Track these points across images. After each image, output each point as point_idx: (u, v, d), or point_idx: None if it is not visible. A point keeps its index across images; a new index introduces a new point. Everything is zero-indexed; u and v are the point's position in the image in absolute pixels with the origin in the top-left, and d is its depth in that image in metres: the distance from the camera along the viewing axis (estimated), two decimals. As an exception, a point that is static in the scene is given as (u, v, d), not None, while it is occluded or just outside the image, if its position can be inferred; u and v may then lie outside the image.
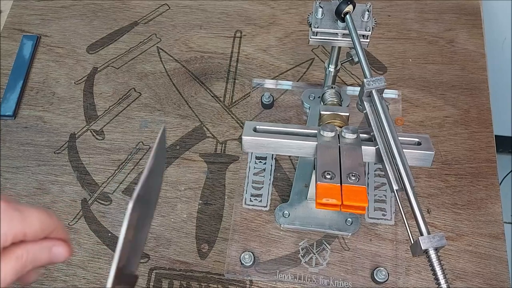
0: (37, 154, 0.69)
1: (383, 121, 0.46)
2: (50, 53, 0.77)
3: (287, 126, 0.50)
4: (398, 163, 0.44)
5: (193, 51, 0.76)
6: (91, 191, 0.66)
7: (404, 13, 0.79)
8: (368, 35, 0.52)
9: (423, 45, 0.76)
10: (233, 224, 0.62)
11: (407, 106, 0.70)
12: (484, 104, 0.70)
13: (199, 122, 0.70)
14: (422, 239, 0.39)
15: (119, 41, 0.78)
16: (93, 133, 0.70)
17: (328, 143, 0.48)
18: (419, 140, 0.48)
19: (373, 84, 0.47)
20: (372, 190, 0.64)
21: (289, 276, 0.59)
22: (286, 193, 0.64)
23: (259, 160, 0.66)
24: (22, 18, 0.80)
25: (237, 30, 0.78)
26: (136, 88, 0.73)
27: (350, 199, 0.43)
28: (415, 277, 0.59)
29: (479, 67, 0.73)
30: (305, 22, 0.78)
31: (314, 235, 0.61)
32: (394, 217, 0.62)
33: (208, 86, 0.73)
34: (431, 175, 0.65)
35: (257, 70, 0.74)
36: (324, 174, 0.45)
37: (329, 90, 0.58)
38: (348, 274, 0.59)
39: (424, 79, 0.73)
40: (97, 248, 0.62)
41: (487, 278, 0.59)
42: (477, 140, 0.67)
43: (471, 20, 0.77)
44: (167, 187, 0.65)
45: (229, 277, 0.60)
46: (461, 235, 0.61)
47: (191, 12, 0.80)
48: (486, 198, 0.63)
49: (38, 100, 0.73)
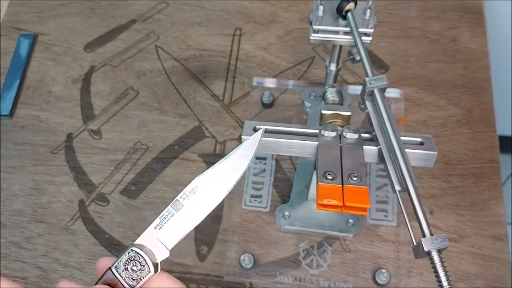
0: (33, 154, 0.68)
1: (385, 121, 0.45)
2: (47, 51, 0.76)
3: (288, 126, 0.49)
4: (400, 164, 0.43)
5: (192, 49, 0.76)
6: (88, 192, 0.65)
7: (406, 11, 0.78)
8: (370, 33, 0.51)
9: (425, 44, 0.75)
10: (233, 225, 0.61)
11: (409, 106, 0.69)
12: (487, 103, 0.69)
13: (198, 122, 0.69)
14: (424, 241, 0.39)
15: (117, 39, 0.77)
16: (90, 132, 0.69)
17: (329, 143, 0.47)
18: (421, 140, 0.48)
19: (375, 83, 0.47)
20: (374, 191, 0.63)
21: (289, 278, 0.58)
22: (286, 194, 0.63)
23: (259, 160, 0.66)
24: (19, 16, 0.80)
25: (236, 27, 0.77)
26: (134, 87, 0.73)
27: (352, 200, 0.42)
28: (417, 279, 0.58)
29: (482, 66, 0.72)
30: (305, 19, 0.77)
31: (315, 236, 0.61)
32: (396, 218, 0.61)
33: (207, 85, 0.72)
34: (434, 175, 0.64)
35: (257, 69, 0.73)
36: (325, 174, 0.44)
37: (330, 89, 0.57)
38: (349, 276, 0.58)
39: (426, 78, 0.72)
40: (94, 250, 0.61)
41: (490, 280, 0.58)
42: (480, 140, 0.67)
43: (474, 19, 0.77)
44: (166, 188, 0.64)
45: (228, 279, 0.59)
46: (463, 236, 0.61)
47: (190, 10, 0.79)
48: (489, 199, 0.63)
49: (35, 99, 0.72)
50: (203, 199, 0.33)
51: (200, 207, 0.33)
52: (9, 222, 0.63)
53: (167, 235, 0.33)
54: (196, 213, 0.33)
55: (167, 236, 0.33)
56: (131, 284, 0.31)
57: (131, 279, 0.31)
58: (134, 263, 0.31)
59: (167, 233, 0.33)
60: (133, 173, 0.66)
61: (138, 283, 0.31)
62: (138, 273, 0.31)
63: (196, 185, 0.33)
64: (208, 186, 0.33)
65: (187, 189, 0.33)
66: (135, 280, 0.31)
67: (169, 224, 0.33)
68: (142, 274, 0.31)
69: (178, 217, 0.33)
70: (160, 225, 0.33)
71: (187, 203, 0.33)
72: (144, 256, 0.32)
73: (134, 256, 0.32)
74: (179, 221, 0.33)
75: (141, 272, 0.31)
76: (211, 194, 0.33)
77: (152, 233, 0.33)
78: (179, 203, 0.33)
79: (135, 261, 0.31)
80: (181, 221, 0.33)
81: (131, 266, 0.31)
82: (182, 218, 0.33)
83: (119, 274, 0.31)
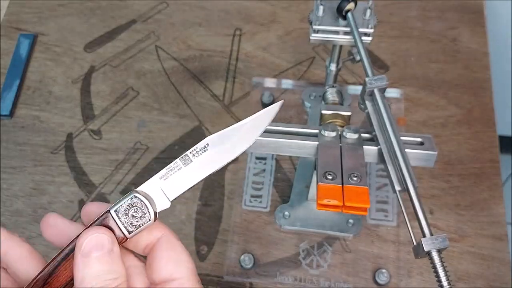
0: (33, 154, 0.68)
1: (385, 121, 0.45)
2: (47, 51, 0.76)
3: (288, 126, 0.49)
4: (400, 164, 0.43)
5: (192, 49, 0.76)
6: (89, 192, 0.65)
7: (406, 11, 0.78)
8: (370, 33, 0.51)
9: (425, 44, 0.75)
10: (233, 225, 0.61)
11: (409, 106, 0.69)
12: (488, 103, 0.69)
13: (198, 122, 0.69)
14: (424, 241, 0.39)
15: (117, 39, 0.77)
16: (90, 132, 0.69)
17: (329, 143, 0.47)
18: (421, 140, 0.48)
19: (375, 83, 0.47)
20: (374, 191, 0.63)
21: (289, 278, 0.58)
22: (286, 194, 0.63)
23: (259, 160, 0.66)
24: (19, 16, 0.80)
25: (236, 28, 0.77)
26: (134, 87, 0.73)
27: (352, 200, 0.42)
28: (417, 279, 0.58)
29: (483, 66, 0.72)
30: (306, 19, 0.77)
31: (315, 236, 0.61)
32: (396, 218, 0.61)
33: (207, 85, 0.72)
34: (434, 175, 0.64)
35: (257, 69, 0.73)
36: (325, 174, 0.44)
37: (330, 89, 0.57)
38: (349, 276, 0.58)
39: (426, 78, 0.72)
40: (94, 250, 0.61)
41: (490, 280, 0.58)
42: (480, 140, 0.66)
43: (474, 19, 0.76)
44: (166, 188, 0.64)
45: (228, 279, 0.59)
46: (464, 236, 0.60)
47: (190, 10, 0.79)
48: (489, 199, 0.63)
49: (35, 99, 0.72)
50: (212, 158, 0.32)
51: (207, 165, 0.32)
52: (10, 223, 0.63)
53: (171, 187, 0.32)
54: (202, 170, 0.32)
55: (170, 188, 0.32)
56: (129, 229, 0.31)
57: (130, 225, 0.31)
58: (136, 210, 0.31)
59: (171, 185, 0.32)
60: (133, 173, 0.66)
61: (136, 229, 0.31)
62: (138, 220, 0.31)
63: (207, 143, 0.32)
64: (218, 147, 0.33)
65: (198, 146, 0.32)
66: (134, 226, 0.31)
67: (174, 176, 0.32)
68: (142, 222, 0.31)
69: (185, 172, 0.32)
70: (165, 177, 0.32)
71: (196, 160, 0.32)
72: (147, 204, 0.31)
73: (136, 202, 0.31)
74: (185, 176, 0.32)
75: (141, 219, 0.31)
76: (220, 155, 0.33)
77: (156, 183, 0.32)
78: (188, 158, 0.32)
79: (137, 208, 0.31)
80: (187, 176, 0.32)
81: (132, 212, 0.31)
82: (188, 173, 0.32)
83: (118, 219, 0.31)
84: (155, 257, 0.33)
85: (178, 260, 0.32)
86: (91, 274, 0.29)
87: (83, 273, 0.29)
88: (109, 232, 0.30)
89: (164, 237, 0.33)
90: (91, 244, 0.30)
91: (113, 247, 0.30)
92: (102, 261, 0.29)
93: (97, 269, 0.29)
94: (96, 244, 0.30)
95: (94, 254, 0.29)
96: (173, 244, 0.33)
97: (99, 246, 0.30)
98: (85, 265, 0.29)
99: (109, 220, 0.31)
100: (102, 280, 0.29)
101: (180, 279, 0.32)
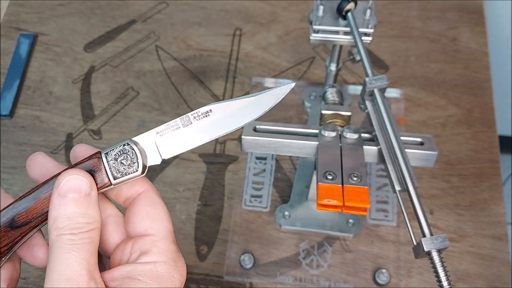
0: (33, 154, 0.68)
1: (385, 121, 0.45)
2: (47, 51, 0.76)
3: (288, 126, 0.49)
4: (400, 164, 0.43)
5: (192, 49, 0.76)
6: (89, 192, 0.65)
7: (406, 11, 0.78)
8: (370, 33, 0.51)
9: (425, 44, 0.75)
10: (233, 225, 0.61)
11: (409, 106, 0.69)
12: (487, 103, 0.69)
13: (198, 122, 0.69)
14: (424, 241, 0.39)
15: (117, 39, 0.77)
16: (90, 132, 0.69)
17: (329, 143, 0.47)
18: (421, 140, 0.48)
19: (375, 83, 0.47)
20: (374, 191, 0.63)
21: (289, 278, 0.58)
22: (286, 194, 0.63)
23: (259, 160, 0.66)
24: (19, 16, 0.79)
25: (236, 28, 0.77)
26: (134, 87, 0.73)
27: (352, 200, 0.42)
28: (417, 279, 0.58)
29: (482, 66, 0.72)
30: (305, 19, 0.77)
31: (315, 236, 0.61)
32: (396, 218, 0.61)
33: (207, 85, 0.72)
34: (434, 175, 0.64)
35: (257, 69, 0.73)
36: (325, 174, 0.44)
37: (330, 89, 0.57)
38: (349, 276, 0.58)
39: (426, 78, 0.72)
40: (94, 250, 0.61)
41: (490, 280, 0.58)
42: (480, 140, 0.66)
43: (474, 19, 0.77)
44: (165, 188, 0.64)
45: (228, 279, 0.59)
46: (464, 236, 0.61)
47: (190, 10, 0.79)
48: (489, 199, 0.63)
49: (35, 99, 0.72)
50: (211, 125, 0.32)
51: (205, 131, 0.32)
52: (9, 222, 0.63)
53: (165, 144, 0.32)
54: (199, 135, 0.32)
55: (164, 145, 0.32)
56: (115, 175, 0.31)
57: (117, 171, 0.31)
58: (125, 157, 0.31)
59: (166, 142, 0.32)
60: (133, 173, 0.66)
61: (122, 177, 0.31)
62: (126, 168, 0.31)
63: (210, 109, 0.32)
64: (221, 115, 0.32)
65: (201, 110, 0.32)
66: (120, 173, 0.31)
67: (171, 134, 0.32)
68: (129, 171, 0.31)
69: (182, 132, 0.32)
70: (162, 133, 0.32)
71: (195, 123, 0.32)
72: (137, 153, 0.31)
73: (128, 150, 0.31)
74: (182, 137, 0.32)
75: (129, 167, 0.31)
76: (221, 124, 0.32)
77: (151, 137, 0.32)
78: (188, 119, 0.32)
79: (127, 155, 0.31)
80: (183, 137, 0.32)
81: (121, 158, 0.31)
82: (185, 135, 0.32)
83: (107, 162, 0.30)
84: (133, 211, 0.32)
85: (155, 217, 0.32)
86: (65, 214, 0.29)
87: (57, 212, 0.29)
88: (89, 176, 0.30)
89: (146, 193, 0.33)
90: (69, 184, 0.29)
91: (91, 191, 0.30)
92: (78, 203, 0.29)
93: (71, 210, 0.29)
94: (74, 186, 0.29)
95: (71, 195, 0.29)
96: (153, 200, 0.33)
97: (77, 188, 0.29)
98: (60, 205, 0.29)
99: (97, 161, 0.31)
100: (75, 222, 0.29)
101: (154, 235, 0.32)
